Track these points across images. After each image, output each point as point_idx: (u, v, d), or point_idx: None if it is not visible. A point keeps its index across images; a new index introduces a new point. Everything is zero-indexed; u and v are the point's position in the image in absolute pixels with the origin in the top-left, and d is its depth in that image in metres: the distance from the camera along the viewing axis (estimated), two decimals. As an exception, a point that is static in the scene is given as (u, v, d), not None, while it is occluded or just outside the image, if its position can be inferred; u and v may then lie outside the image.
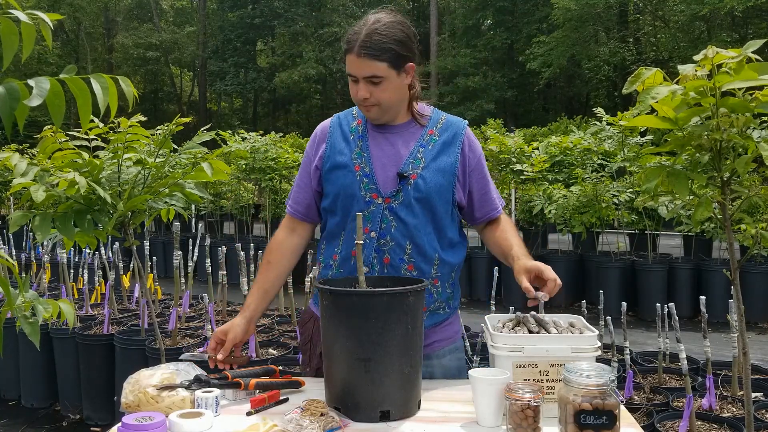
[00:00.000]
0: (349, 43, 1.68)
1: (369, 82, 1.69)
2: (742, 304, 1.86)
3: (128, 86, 1.31)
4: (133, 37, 27.68)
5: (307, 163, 1.88)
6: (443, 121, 1.84)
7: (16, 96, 1.12)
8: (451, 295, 1.85)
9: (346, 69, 1.72)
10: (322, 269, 1.86)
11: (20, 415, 3.99)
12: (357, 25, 1.70)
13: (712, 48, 1.45)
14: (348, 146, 1.80)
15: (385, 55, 1.66)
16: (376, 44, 1.64)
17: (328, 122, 1.89)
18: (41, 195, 1.96)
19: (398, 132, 1.81)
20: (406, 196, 1.73)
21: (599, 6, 19.15)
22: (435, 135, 1.81)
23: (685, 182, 1.63)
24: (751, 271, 5.78)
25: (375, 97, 1.71)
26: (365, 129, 1.82)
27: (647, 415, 2.73)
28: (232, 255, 7.07)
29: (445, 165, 1.77)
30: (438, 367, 1.82)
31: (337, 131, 1.84)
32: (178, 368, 1.63)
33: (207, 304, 3.44)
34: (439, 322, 1.82)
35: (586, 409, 1.27)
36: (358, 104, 1.77)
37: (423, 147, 1.78)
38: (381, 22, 1.67)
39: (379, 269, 1.73)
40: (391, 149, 1.78)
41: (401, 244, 1.73)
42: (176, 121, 2.36)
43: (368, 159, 1.77)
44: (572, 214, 6.30)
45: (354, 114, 1.87)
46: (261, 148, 7.50)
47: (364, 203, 1.74)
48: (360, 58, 1.66)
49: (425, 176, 1.74)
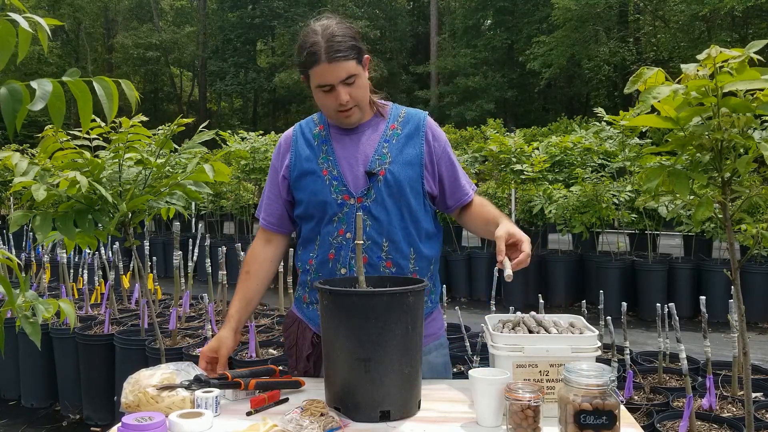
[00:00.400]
0: (313, 55, 1.66)
1: (345, 84, 1.69)
2: (743, 304, 1.85)
3: (130, 89, 1.32)
4: (133, 37, 27.67)
5: (274, 175, 1.88)
6: (404, 115, 1.85)
7: (19, 98, 1.13)
8: (432, 289, 1.86)
9: (315, 83, 1.70)
10: (301, 274, 1.87)
11: (20, 415, 3.99)
12: (306, 38, 1.69)
13: (715, 47, 1.45)
14: (313, 152, 1.81)
15: (352, 53, 1.67)
16: (341, 45, 1.66)
17: (290, 131, 1.90)
18: (42, 194, 1.95)
19: (361, 131, 1.82)
20: (378, 193, 1.74)
21: (599, 6, 19.15)
22: (397, 129, 1.82)
23: (685, 182, 1.63)
24: (751, 271, 5.78)
25: (354, 98, 1.71)
26: (327, 133, 1.83)
27: (647, 415, 2.73)
28: (232, 255, 7.06)
29: (411, 157, 1.78)
30: (425, 363, 1.82)
31: (300, 139, 1.85)
32: (178, 368, 1.63)
33: (207, 304, 3.44)
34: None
35: (586, 409, 1.26)
36: (334, 113, 1.75)
37: (387, 142, 1.79)
38: (332, 26, 1.69)
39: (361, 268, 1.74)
40: (356, 149, 1.79)
41: (378, 242, 1.74)
42: (177, 122, 2.36)
43: (335, 162, 1.78)
44: (572, 214, 6.30)
45: (315, 120, 1.88)
46: (261, 148, 7.50)
47: (336, 206, 1.75)
48: (332, 64, 1.65)
49: (393, 170, 1.76)
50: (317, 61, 1.66)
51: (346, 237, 1.74)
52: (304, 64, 1.70)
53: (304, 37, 1.71)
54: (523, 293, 6.62)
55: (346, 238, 1.74)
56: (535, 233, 7.60)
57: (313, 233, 1.80)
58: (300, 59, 1.72)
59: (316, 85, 1.71)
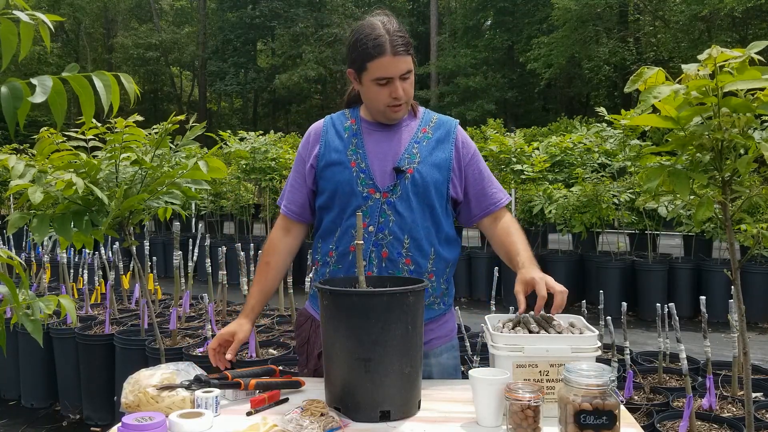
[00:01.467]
0: (378, 47, 1.68)
1: (402, 79, 1.72)
2: (743, 304, 1.85)
3: (130, 83, 1.31)
4: (133, 37, 27.68)
5: (300, 163, 1.89)
6: (435, 120, 1.88)
7: (19, 95, 1.13)
8: (446, 291, 1.87)
9: (374, 75, 1.72)
10: (320, 267, 1.87)
11: (20, 415, 3.99)
12: (368, 32, 1.71)
13: (716, 47, 1.45)
14: (343, 143, 1.82)
15: (411, 49, 1.73)
16: (403, 40, 1.70)
17: (320, 122, 1.91)
18: (39, 197, 1.95)
19: (393, 130, 1.84)
20: (404, 190, 1.76)
21: (599, 6, 19.15)
22: (428, 133, 1.84)
23: (686, 182, 1.63)
24: (751, 271, 5.78)
25: (406, 94, 1.75)
26: (359, 127, 1.85)
27: (647, 415, 2.72)
28: (232, 255, 7.07)
29: (440, 160, 1.80)
30: (436, 365, 1.83)
31: (331, 130, 1.86)
32: (178, 368, 1.63)
33: (207, 304, 3.44)
34: (435, 318, 1.83)
35: (586, 409, 1.26)
36: (384, 107, 1.77)
37: (417, 143, 1.81)
38: (392, 22, 1.73)
39: (377, 263, 1.75)
40: (386, 145, 1.81)
41: (399, 237, 1.75)
42: (171, 120, 2.36)
43: (364, 155, 1.79)
44: (572, 214, 6.30)
45: (347, 114, 1.90)
46: (261, 148, 7.50)
47: (361, 198, 1.76)
48: (396, 57, 1.69)
49: (421, 170, 1.77)
50: (382, 54, 1.69)
51: (369, 230, 1.76)
52: (365, 56, 1.71)
53: (363, 30, 1.72)
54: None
55: (369, 231, 1.76)
56: (535, 233, 7.60)
57: (335, 225, 1.81)
58: (357, 52, 1.73)
59: (374, 78, 1.72)
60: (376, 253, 1.75)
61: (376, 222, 1.75)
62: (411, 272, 1.76)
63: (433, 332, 1.83)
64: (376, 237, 1.75)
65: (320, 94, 29.42)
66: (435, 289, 1.82)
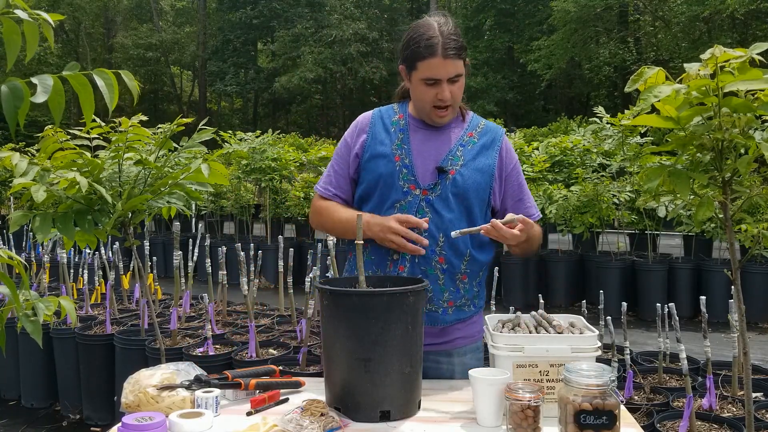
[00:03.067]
0: (429, 48, 1.71)
1: (450, 82, 1.74)
2: (743, 304, 1.85)
3: (131, 80, 1.31)
4: (133, 37, 27.66)
5: (346, 151, 1.91)
6: (483, 126, 1.90)
7: (20, 95, 1.13)
8: (477, 293, 1.88)
9: (422, 75, 1.74)
10: (352, 258, 1.90)
11: (20, 415, 3.99)
12: (423, 31, 1.73)
13: (718, 47, 1.45)
14: (389, 137, 1.85)
15: (463, 53, 1.75)
16: (456, 44, 1.72)
17: (369, 114, 1.93)
18: (42, 195, 1.95)
19: (440, 130, 1.86)
20: (444, 190, 1.78)
21: (598, 6, 19.13)
22: (474, 137, 1.86)
23: (686, 182, 1.62)
24: (751, 271, 5.78)
25: (454, 97, 1.77)
26: (407, 123, 1.87)
27: (647, 415, 2.72)
28: (232, 255, 7.07)
29: (483, 165, 1.83)
30: (459, 365, 1.84)
31: (378, 123, 1.88)
32: (178, 368, 1.63)
33: (207, 304, 3.44)
34: (463, 319, 1.84)
35: (586, 409, 1.26)
36: (430, 108, 1.79)
37: (462, 146, 1.84)
38: (449, 24, 1.74)
39: (411, 258, 1.78)
40: (431, 144, 1.83)
41: (434, 235, 1.77)
42: (177, 122, 2.36)
43: (408, 151, 1.82)
44: (572, 214, 6.30)
45: (395, 109, 1.91)
46: (260, 148, 7.50)
47: (401, 193, 1.79)
48: (446, 60, 1.71)
49: (464, 173, 1.80)
50: (433, 54, 1.71)
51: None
52: (416, 55, 1.73)
53: (418, 30, 1.75)
54: (523, 293, 6.61)
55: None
56: (535, 233, 7.58)
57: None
58: (410, 50, 1.75)
59: (422, 78, 1.75)
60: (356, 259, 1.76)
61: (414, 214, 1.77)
62: (444, 271, 1.78)
63: (459, 331, 1.85)
64: None
65: (320, 95, 29.41)
66: (467, 290, 1.83)
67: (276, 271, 4.47)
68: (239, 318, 4.18)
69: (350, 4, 25.11)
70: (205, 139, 2.32)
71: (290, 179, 8.28)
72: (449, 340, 1.84)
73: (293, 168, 8.04)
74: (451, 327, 1.83)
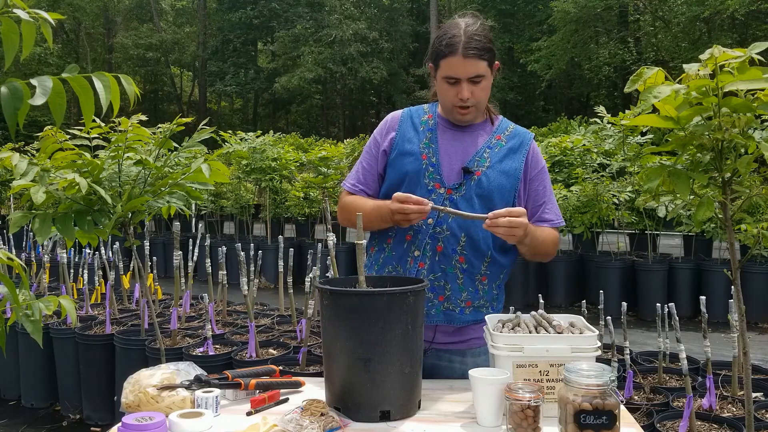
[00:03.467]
0: (450, 46, 1.72)
1: (471, 82, 1.74)
2: (743, 304, 1.85)
3: (130, 84, 1.31)
4: (133, 37, 27.65)
5: (375, 147, 1.92)
6: (511, 130, 1.90)
7: (20, 96, 1.13)
8: (497, 296, 1.89)
9: (444, 73, 1.75)
10: (374, 253, 1.90)
11: (20, 415, 3.99)
12: (448, 30, 1.75)
13: (718, 47, 1.45)
14: (417, 136, 1.86)
15: (486, 55, 1.73)
16: (479, 44, 1.71)
17: (399, 112, 1.95)
18: (41, 197, 1.95)
19: (468, 131, 1.86)
20: (468, 190, 1.79)
21: (598, 7, 19.11)
22: (502, 140, 1.86)
23: (686, 182, 1.63)
24: (751, 271, 5.78)
25: (475, 98, 1.76)
26: (435, 123, 1.88)
27: (647, 415, 2.72)
28: (232, 255, 7.07)
29: (509, 168, 1.83)
30: (472, 365, 1.84)
31: (407, 121, 1.90)
32: (178, 368, 1.63)
33: (207, 304, 3.44)
34: (480, 321, 1.84)
35: (586, 409, 1.26)
36: (451, 107, 1.80)
37: (490, 149, 1.84)
38: (476, 25, 1.75)
39: (431, 256, 1.78)
40: (459, 145, 1.84)
41: (456, 234, 1.78)
42: (177, 121, 2.36)
43: (435, 150, 1.83)
44: (573, 214, 6.31)
45: (425, 109, 1.93)
46: (259, 148, 7.50)
47: (426, 191, 1.80)
48: (466, 59, 1.71)
49: (489, 175, 1.80)
50: (453, 52, 1.71)
51: (428, 222, 1.79)
52: (439, 53, 1.75)
53: (446, 29, 1.76)
54: (523, 293, 6.61)
55: (427, 224, 1.79)
56: (535, 233, 7.59)
57: None
58: (434, 48, 1.77)
59: (444, 76, 1.76)
60: (431, 245, 1.78)
61: (436, 215, 1.78)
62: (464, 271, 1.79)
63: (474, 332, 1.85)
64: (433, 230, 1.78)
65: (320, 94, 29.42)
66: (486, 292, 1.84)
67: (276, 271, 4.47)
68: (239, 318, 4.18)
69: (350, 4, 25.12)
70: (205, 138, 2.32)
71: (290, 179, 8.28)
72: (464, 339, 1.84)
73: (293, 168, 8.05)
74: (467, 327, 1.84)
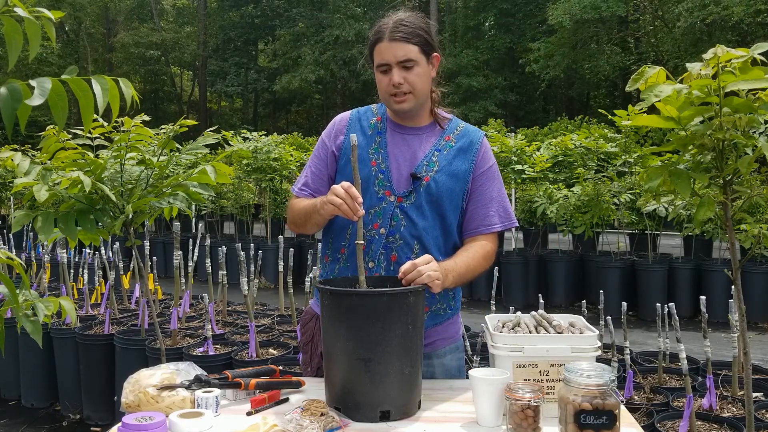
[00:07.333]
0: (378, 33, 1.72)
1: (402, 67, 1.71)
2: (743, 304, 1.85)
3: (128, 88, 1.31)
4: (134, 36, 27.63)
5: (323, 150, 1.87)
6: (461, 129, 1.86)
7: (18, 96, 1.12)
8: (452, 296, 1.87)
9: (376, 61, 1.74)
10: (328, 263, 1.86)
11: (20, 415, 3.99)
12: (380, 22, 1.75)
13: (720, 47, 1.45)
14: (366, 140, 1.82)
15: (415, 39, 1.71)
16: (406, 29, 1.70)
17: (347, 114, 1.91)
18: (44, 195, 1.95)
19: (416, 134, 1.83)
20: (418, 198, 1.75)
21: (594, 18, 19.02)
22: (451, 141, 1.83)
23: (687, 182, 1.62)
24: (751, 271, 5.78)
25: (409, 83, 1.72)
26: (384, 126, 1.84)
27: (647, 415, 2.72)
28: (232, 255, 7.07)
29: (458, 170, 1.79)
30: (439, 366, 1.83)
31: (356, 124, 1.86)
32: (178, 368, 1.63)
33: (207, 304, 3.44)
34: (441, 322, 1.83)
35: (586, 409, 1.26)
36: (389, 97, 1.76)
37: (438, 151, 1.80)
38: (406, 14, 1.74)
39: (386, 266, 1.75)
40: (407, 149, 1.80)
41: (409, 243, 1.75)
42: (180, 123, 2.36)
43: (385, 156, 1.79)
44: (573, 214, 6.31)
45: (374, 110, 1.89)
46: (263, 148, 7.51)
47: (376, 199, 1.76)
48: (392, 42, 1.69)
49: (438, 179, 1.76)
50: (380, 39, 1.71)
51: (380, 232, 1.75)
52: (371, 45, 1.75)
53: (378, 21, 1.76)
54: (523, 293, 6.62)
55: (380, 233, 1.75)
56: (535, 233, 7.60)
57: (347, 222, 1.77)
58: (369, 41, 1.77)
59: (376, 65, 1.75)
60: (385, 255, 1.75)
61: (388, 225, 1.75)
62: None
63: (437, 334, 1.82)
64: (386, 240, 1.75)
65: (321, 94, 29.42)
66: (442, 296, 1.81)
67: (276, 271, 4.47)
68: (239, 318, 4.18)
69: (352, 4, 25.09)
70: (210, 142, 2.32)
71: (290, 179, 8.29)
72: (428, 343, 1.79)
73: (294, 168, 8.05)
74: (429, 330, 1.79)
